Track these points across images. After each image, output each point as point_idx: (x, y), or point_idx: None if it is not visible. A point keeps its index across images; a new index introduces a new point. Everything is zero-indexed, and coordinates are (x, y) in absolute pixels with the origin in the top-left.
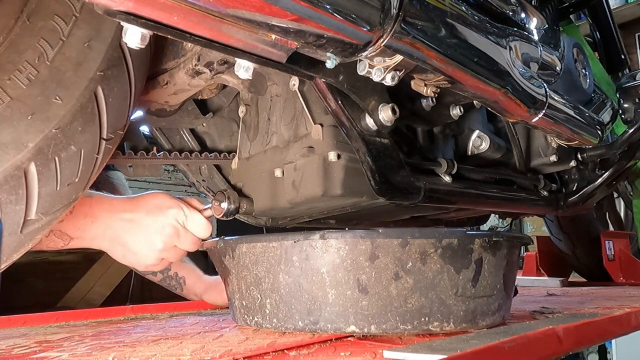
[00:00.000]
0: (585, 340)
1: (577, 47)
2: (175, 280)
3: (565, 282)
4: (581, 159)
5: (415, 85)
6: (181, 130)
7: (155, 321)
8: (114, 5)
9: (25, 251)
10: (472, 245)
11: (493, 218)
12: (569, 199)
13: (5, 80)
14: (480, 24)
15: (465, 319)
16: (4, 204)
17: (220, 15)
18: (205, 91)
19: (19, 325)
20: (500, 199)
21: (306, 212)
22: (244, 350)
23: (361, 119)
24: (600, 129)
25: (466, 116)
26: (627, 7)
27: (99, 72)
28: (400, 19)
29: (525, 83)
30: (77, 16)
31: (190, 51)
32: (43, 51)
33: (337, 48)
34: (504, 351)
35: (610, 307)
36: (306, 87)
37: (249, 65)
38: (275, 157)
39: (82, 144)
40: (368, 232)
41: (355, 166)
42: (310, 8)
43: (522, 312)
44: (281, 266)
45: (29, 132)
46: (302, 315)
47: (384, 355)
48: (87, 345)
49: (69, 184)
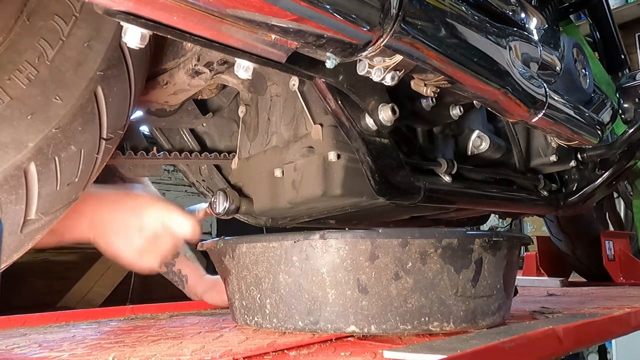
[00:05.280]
0: (585, 340)
1: (577, 47)
2: (179, 277)
3: (565, 282)
4: (581, 159)
5: (415, 85)
6: (181, 130)
7: (155, 321)
8: (114, 5)
9: (25, 251)
10: (472, 245)
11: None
12: (569, 199)
13: (5, 80)
14: (480, 24)
15: (465, 319)
16: (4, 204)
17: (220, 15)
18: (205, 91)
19: (19, 325)
20: (500, 199)
21: (306, 212)
22: (244, 350)
23: (361, 119)
24: (600, 129)
25: (466, 116)
26: (627, 7)
27: (99, 72)
28: (400, 19)
29: (525, 83)
30: (77, 16)
31: (190, 51)
32: (43, 51)
33: (337, 48)
34: (504, 351)
35: (610, 307)
36: (306, 87)
37: (248, 65)
38: (275, 157)
39: (82, 144)
40: (368, 232)
41: (355, 166)
42: (310, 8)
43: (522, 312)
44: (281, 266)
45: (29, 132)
46: (302, 315)
47: (384, 355)
48: (87, 345)
49: (69, 184)
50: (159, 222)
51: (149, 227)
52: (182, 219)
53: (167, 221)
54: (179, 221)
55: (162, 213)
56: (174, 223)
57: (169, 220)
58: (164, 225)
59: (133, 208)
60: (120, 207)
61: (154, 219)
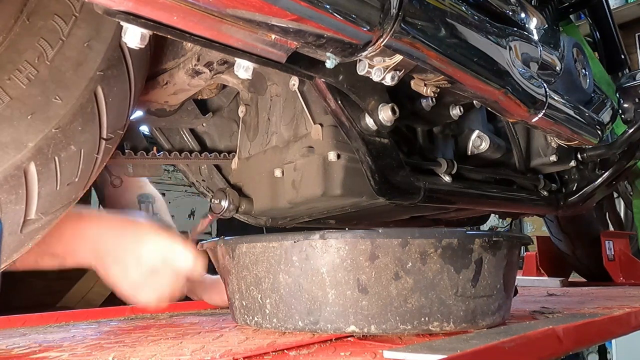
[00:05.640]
0: (585, 340)
1: (577, 47)
2: None
3: (565, 282)
4: (581, 159)
5: (415, 85)
6: (181, 130)
7: (155, 321)
8: (114, 5)
9: (25, 251)
10: (472, 245)
11: (493, 218)
12: (569, 199)
13: (5, 80)
14: (480, 23)
15: (465, 319)
16: (4, 203)
17: (220, 15)
18: (205, 91)
19: (19, 325)
20: (500, 199)
21: (306, 212)
22: (244, 350)
23: (361, 119)
24: (600, 129)
25: (466, 116)
26: (627, 7)
27: (99, 72)
28: (400, 19)
29: (525, 83)
30: (77, 16)
31: (190, 51)
32: (43, 51)
33: (337, 48)
34: (504, 351)
35: (610, 307)
36: (306, 87)
37: (248, 65)
38: (275, 157)
39: (82, 144)
40: (368, 232)
41: (355, 166)
42: (310, 8)
43: (522, 312)
44: (281, 266)
45: (29, 132)
46: (302, 315)
47: (384, 355)
48: (87, 345)
49: (69, 184)
50: (159, 255)
51: (148, 259)
52: (184, 252)
53: (168, 254)
54: (180, 255)
55: (164, 245)
56: (175, 256)
57: (170, 253)
58: (164, 258)
59: (135, 237)
60: (123, 236)
61: (154, 251)
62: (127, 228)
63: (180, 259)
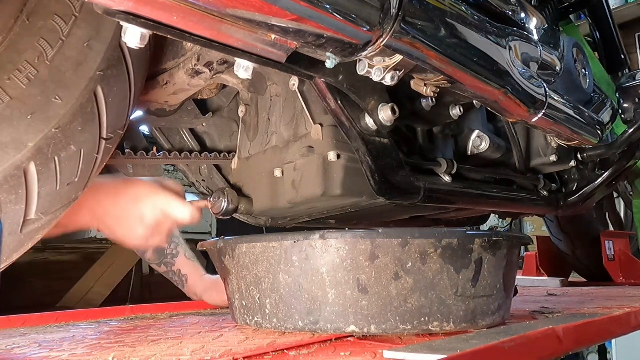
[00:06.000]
0: (585, 340)
1: (577, 47)
2: (178, 277)
3: (565, 282)
4: (581, 159)
5: (415, 85)
6: (181, 130)
7: (155, 321)
8: (114, 5)
9: (25, 251)
10: (472, 245)
11: (493, 218)
12: (569, 199)
13: (5, 80)
14: (480, 24)
15: (465, 319)
16: (4, 203)
17: (220, 15)
18: (205, 91)
19: (19, 325)
20: (500, 199)
21: (306, 212)
22: (244, 350)
23: (361, 119)
24: (600, 129)
25: (466, 116)
26: (627, 7)
27: (99, 72)
28: (400, 19)
29: (525, 83)
30: (77, 16)
31: (190, 51)
32: (43, 51)
33: (337, 48)
34: (504, 351)
35: (610, 307)
36: (306, 87)
37: (248, 65)
38: (275, 157)
39: (82, 144)
40: (368, 232)
41: (355, 166)
42: (310, 8)
43: (522, 312)
44: (281, 266)
45: (29, 132)
46: (302, 315)
47: (384, 355)
48: (87, 345)
49: (69, 184)
50: (159, 211)
51: (150, 216)
52: (180, 206)
53: (167, 209)
54: (178, 209)
55: (162, 201)
56: (174, 211)
57: (169, 208)
58: (163, 213)
59: (133, 197)
60: (121, 197)
61: (154, 208)
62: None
63: (178, 212)
